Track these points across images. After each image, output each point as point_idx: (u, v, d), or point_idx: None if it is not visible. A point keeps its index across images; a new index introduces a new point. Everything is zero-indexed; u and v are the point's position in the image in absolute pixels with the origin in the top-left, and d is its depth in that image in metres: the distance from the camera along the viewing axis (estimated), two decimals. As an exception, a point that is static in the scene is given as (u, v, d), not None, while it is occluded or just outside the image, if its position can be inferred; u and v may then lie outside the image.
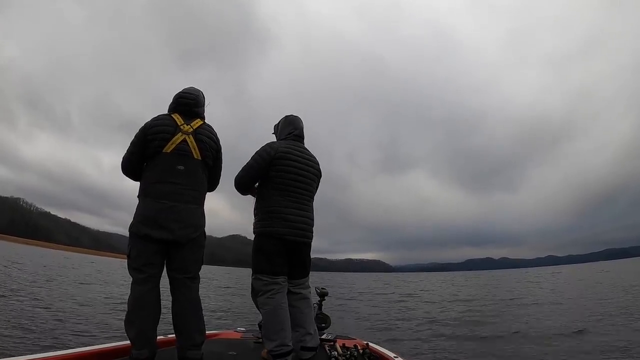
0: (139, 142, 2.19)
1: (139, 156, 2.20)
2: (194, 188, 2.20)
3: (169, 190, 2.11)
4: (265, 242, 2.44)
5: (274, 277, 2.41)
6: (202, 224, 2.25)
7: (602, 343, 5.94)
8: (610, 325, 7.52)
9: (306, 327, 2.48)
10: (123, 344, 2.28)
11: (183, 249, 2.14)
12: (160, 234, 2.06)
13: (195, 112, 2.33)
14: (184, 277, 2.15)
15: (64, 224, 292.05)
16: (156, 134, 2.16)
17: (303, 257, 2.57)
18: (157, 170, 2.15)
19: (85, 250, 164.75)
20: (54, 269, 22.04)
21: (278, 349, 2.27)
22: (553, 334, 6.99)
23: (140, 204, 2.15)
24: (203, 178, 2.28)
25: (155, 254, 2.09)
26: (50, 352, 2.08)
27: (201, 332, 2.16)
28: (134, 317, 2.03)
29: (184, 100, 2.31)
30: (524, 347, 6.02)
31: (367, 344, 3.03)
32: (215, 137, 2.35)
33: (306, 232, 2.54)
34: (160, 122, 2.22)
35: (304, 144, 2.73)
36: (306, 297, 2.58)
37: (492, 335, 7.11)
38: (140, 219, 2.10)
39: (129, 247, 2.13)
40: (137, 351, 1.99)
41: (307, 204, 2.59)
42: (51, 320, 6.37)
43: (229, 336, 3.29)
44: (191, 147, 2.21)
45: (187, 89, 2.38)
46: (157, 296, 2.10)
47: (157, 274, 2.11)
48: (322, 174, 2.75)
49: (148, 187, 2.14)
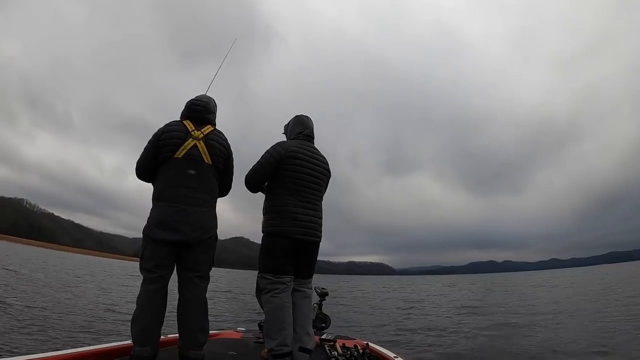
0: (152, 147, 2.27)
1: (152, 161, 2.28)
2: (205, 192, 2.27)
3: (181, 194, 2.18)
4: (274, 241, 2.47)
5: (280, 276, 2.43)
6: (214, 226, 2.31)
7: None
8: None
9: (306, 327, 2.48)
10: (125, 344, 2.30)
11: (194, 250, 2.19)
12: (172, 236, 2.12)
13: (206, 118, 2.41)
14: (193, 276, 2.20)
15: (68, 226, 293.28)
16: (168, 140, 2.25)
17: (311, 256, 2.59)
18: (169, 175, 2.23)
19: (91, 252, 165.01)
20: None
21: (279, 348, 2.28)
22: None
23: (154, 208, 2.22)
24: (214, 182, 2.34)
25: (166, 256, 2.16)
26: (49, 352, 2.08)
27: (205, 332, 2.19)
28: (140, 315, 2.09)
29: (195, 107, 2.40)
30: (529, 349, 5.99)
31: (367, 344, 3.03)
32: (226, 142, 2.41)
33: (315, 231, 2.55)
34: (172, 128, 2.30)
35: (314, 144, 2.77)
36: (308, 297, 2.60)
37: (493, 336, 7.08)
38: (154, 222, 2.17)
39: (142, 248, 2.19)
40: (140, 348, 2.02)
41: (317, 203, 2.61)
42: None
43: (229, 336, 3.30)
44: (202, 152, 2.28)
45: (198, 97, 2.47)
46: (163, 297, 2.15)
47: (166, 276, 2.17)
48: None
49: (161, 191, 2.22)
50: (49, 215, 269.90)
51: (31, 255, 36.08)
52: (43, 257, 36.55)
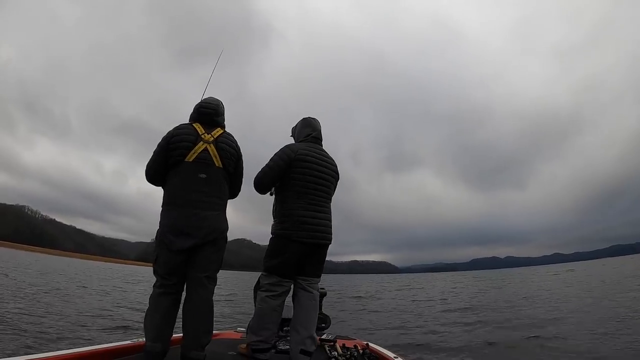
0: (161, 151, 2.28)
1: (162, 165, 2.29)
2: (216, 195, 2.28)
3: (192, 199, 2.20)
4: (282, 244, 2.49)
5: (282, 279, 2.49)
6: (224, 229, 2.33)
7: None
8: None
9: (309, 330, 2.51)
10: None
11: (203, 250, 2.22)
12: (186, 242, 2.15)
13: (215, 121, 2.42)
14: (201, 276, 2.22)
15: (69, 231, 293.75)
16: (178, 143, 2.25)
17: (319, 257, 2.63)
18: (179, 179, 2.24)
19: (93, 257, 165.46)
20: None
21: (259, 343, 2.41)
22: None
23: (165, 212, 2.23)
24: (224, 185, 2.36)
25: (181, 264, 2.19)
26: (49, 352, 2.08)
27: (208, 333, 2.21)
28: (151, 314, 2.15)
29: (204, 110, 2.41)
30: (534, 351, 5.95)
31: (367, 344, 3.03)
32: (236, 145, 2.43)
33: (325, 233, 2.58)
34: (182, 131, 2.30)
35: (322, 146, 2.78)
36: (315, 300, 2.63)
37: (494, 337, 7.06)
38: (166, 228, 2.19)
39: (155, 252, 2.21)
40: (151, 344, 2.09)
41: (326, 205, 2.63)
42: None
43: (229, 336, 3.31)
44: (212, 155, 2.29)
45: (207, 99, 2.48)
46: (175, 302, 2.20)
47: (180, 281, 2.21)
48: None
49: (171, 195, 2.23)
50: (51, 221, 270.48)
51: (32, 261, 36.15)
52: (49, 264, 36.60)
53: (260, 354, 2.42)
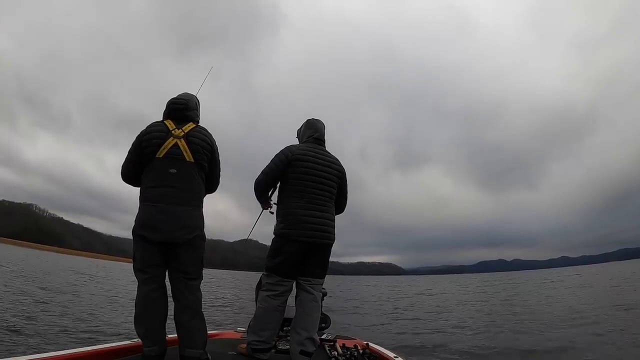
0: (135, 150, 2.31)
1: (136, 164, 2.31)
2: (188, 190, 2.27)
3: (163, 194, 2.21)
4: (284, 244, 2.52)
5: (283, 279, 2.51)
6: (199, 225, 2.30)
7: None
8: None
9: (310, 331, 2.52)
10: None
11: (180, 250, 2.21)
12: (157, 236, 2.16)
13: (187, 116, 2.41)
14: (182, 277, 2.23)
15: (77, 229, 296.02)
16: (149, 141, 2.27)
17: (322, 257, 2.63)
18: (151, 175, 2.25)
19: (101, 256, 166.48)
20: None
21: (259, 343, 2.42)
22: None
23: (140, 208, 2.26)
24: (198, 180, 2.33)
25: (155, 255, 2.19)
26: (50, 352, 2.11)
27: (200, 331, 2.21)
28: (141, 316, 2.17)
29: (174, 106, 2.41)
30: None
31: (367, 344, 3.03)
32: (209, 138, 2.40)
33: (326, 233, 2.58)
34: (153, 129, 2.32)
35: (325, 147, 2.79)
36: (317, 300, 2.64)
37: (497, 337, 7.01)
38: (139, 223, 2.22)
39: (133, 250, 2.23)
40: (148, 348, 2.13)
41: (327, 205, 2.63)
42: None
43: (229, 336, 3.32)
44: (183, 150, 2.28)
45: (178, 95, 2.48)
46: (162, 295, 2.20)
47: (160, 274, 2.22)
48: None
49: (145, 192, 2.25)
50: (59, 220, 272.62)
51: (42, 259, 36.55)
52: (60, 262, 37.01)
53: (260, 354, 2.43)
